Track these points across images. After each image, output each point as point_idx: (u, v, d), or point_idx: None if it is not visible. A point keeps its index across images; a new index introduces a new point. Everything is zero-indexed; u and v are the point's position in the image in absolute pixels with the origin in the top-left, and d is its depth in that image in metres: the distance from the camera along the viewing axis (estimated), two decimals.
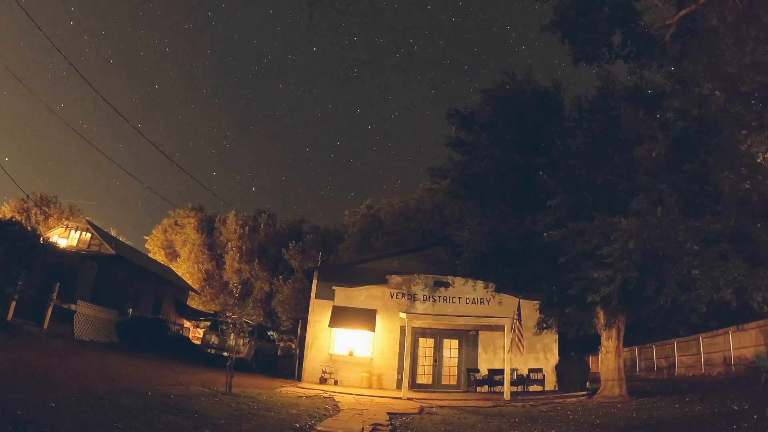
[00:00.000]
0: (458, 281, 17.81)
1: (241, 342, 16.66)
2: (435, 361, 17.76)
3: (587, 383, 16.19)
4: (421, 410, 10.65)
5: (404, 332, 15.46)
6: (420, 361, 17.56)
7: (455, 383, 17.52)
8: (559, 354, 17.93)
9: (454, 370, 17.73)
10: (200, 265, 39.02)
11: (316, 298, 17.90)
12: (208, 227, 40.76)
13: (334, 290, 17.78)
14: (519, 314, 14.70)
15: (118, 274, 23.12)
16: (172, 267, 37.32)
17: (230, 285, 38.31)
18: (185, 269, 38.44)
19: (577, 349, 19.94)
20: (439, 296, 17.90)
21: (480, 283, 16.90)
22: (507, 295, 16.73)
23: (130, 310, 21.38)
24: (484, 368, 17.18)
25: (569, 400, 12.85)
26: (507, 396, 13.87)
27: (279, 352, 24.97)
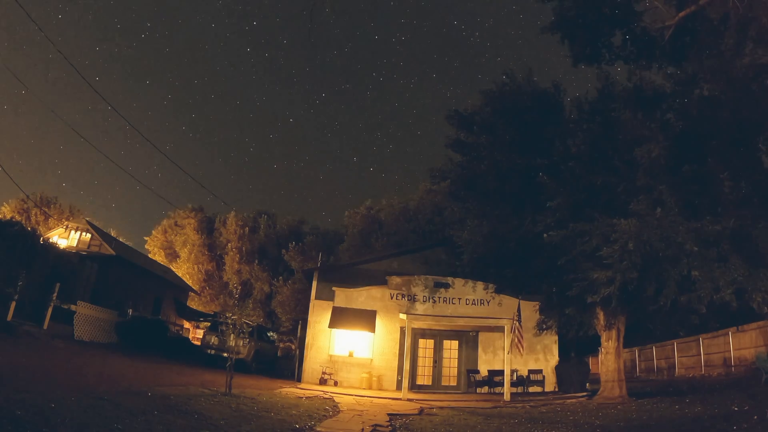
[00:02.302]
0: (458, 282, 17.81)
1: (241, 343, 16.65)
2: (435, 362, 17.76)
3: (587, 384, 16.18)
4: (421, 411, 10.64)
5: (404, 333, 15.45)
6: (420, 362, 17.55)
7: (455, 384, 17.52)
8: (559, 355, 17.92)
9: (454, 371, 17.72)
10: (200, 266, 39.00)
11: (316, 298, 17.90)
12: (208, 228, 40.75)
13: (334, 291, 17.78)
14: (519, 315, 14.69)
15: (118, 275, 23.14)
16: (172, 268, 37.31)
17: (230, 286, 38.32)
18: (185, 270, 38.42)
19: (577, 350, 19.94)
20: (439, 297, 17.90)
21: (480, 284, 16.90)
22: (507, 296, 16.72)
23: (130, 311, 21.37)
24: (484, 369, 17.18)
25: (569, 401, 12.85)
26: (507, 397, 13.87)
27: (279, 353, 24.93)
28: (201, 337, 21.42)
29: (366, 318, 17.36)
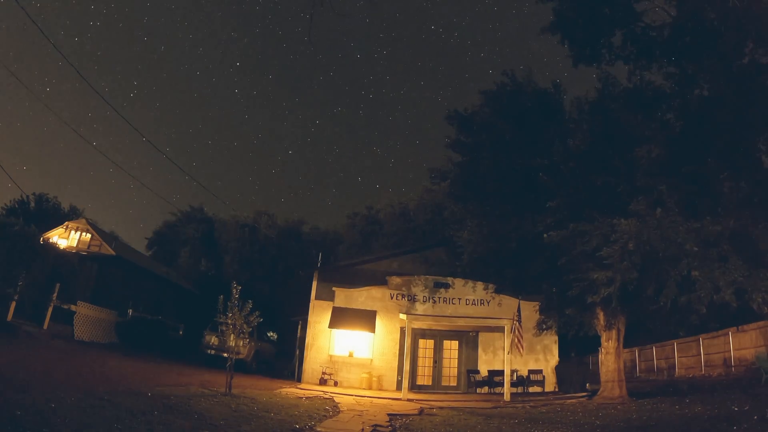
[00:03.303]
0: (458, 282, 17.80)
1: (241, 343, 16.63)
2: (435, 362, 17.75)
3: (587, 384, 16.17)
4: (421, 411, 10.64)
5: (404, 333, 15.44)
6: (420, 362, 17.54)
7: (455, 384, 17.51)
8: (559, 355, 17.92)
9: (454, 371, 17.72)
10: (200, 266, 38.99)
11: (316, 299, 17.90)
12: (208, 228, 40.76)
13: (334, 291, 17.77)
14: (519, 315, 14.68)
15: (118, 275, 23.13)
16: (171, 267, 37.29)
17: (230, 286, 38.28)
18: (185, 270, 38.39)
19: (577, 350, 19.96)
20: (439, 297, 17.89)
21: (480, 284, 16.89)
22: (507, 296, 16.72)
23: (130, 311, 21.37)
24: (484, 369, 17.17)
25: (569, 401, 12.84)
26: (507, 397, 13.86)
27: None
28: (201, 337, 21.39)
29: (366, 318, 17.35)
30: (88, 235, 25.29)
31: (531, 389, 16.61)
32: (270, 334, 23.31)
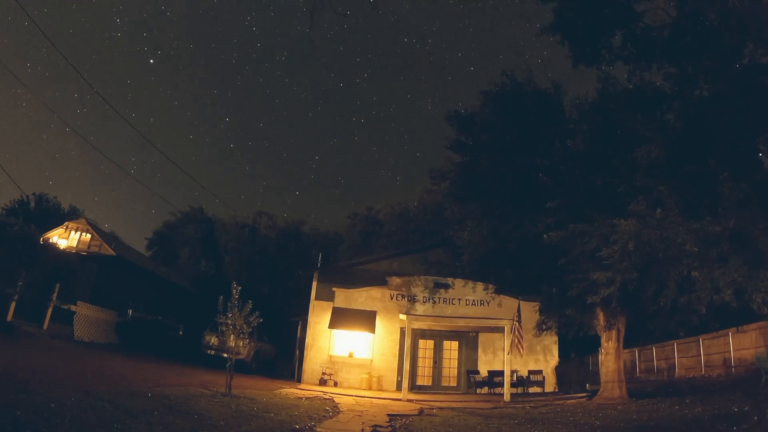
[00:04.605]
0: (458, 283, 17.80)
1: (241, 343, 16.61)
2: (435, 362, 17.75)
3: (587, 385, 16.17)
4: (421, 412, 10.64)
5: (404, 334, 15.44)
6: (420, 362, 17.55)
7: (455, 385, 17.51)
8: (559, 355, 17.92)
9: (454, 372, 17.72)
10: (200, 266, 39.01)
11: (315, 299, 17.90)
12: (208, 228, 40.78)
13: (334, 292, 17.77)
14: (519, 316, 14.69)
15: (118, 275, 23.12)
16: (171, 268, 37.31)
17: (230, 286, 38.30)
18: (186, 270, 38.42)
19: (577, 351, 19.95)
20: (439, 298, 17.90)
21: (480, 285, 16.89)
22: (507, 297, 16.72)
23: (130, 311, 21.35)
24: (484, 370, 17.17)
25: (569, 401, 12.84)
26: (507, 397, 13.86)
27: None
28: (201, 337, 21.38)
29: (366, 318, 17.36)
30: (88, 236, 25.30)
31: (531, 390, 16.61)
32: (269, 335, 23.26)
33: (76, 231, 25.47)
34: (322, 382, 16.33)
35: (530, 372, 16.99)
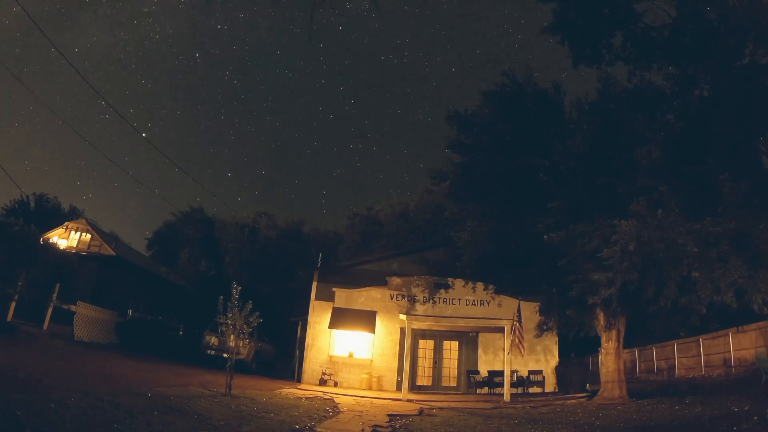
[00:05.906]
0: (458, 283, 17.80)
1: (241, 343, 16.60)
2: (435, 362, 17.75)
3: (587, 385, 16.17)
4: (421, 412, 10.63)
5: (404, 334, 15.44)
6: (420, 362, 17.54)
7: (455, 385, 17.51)
8: (559, 356, 17.91)
9: (454, 372, 17.71)
10: (200, 266, 38.97)
11: (315, 299, 17.90)
12: (207, 228, 40.76)
13: (334, 292, 17.77)
14: (519, 316, 14.69)
15: (118, 275, 23.13)
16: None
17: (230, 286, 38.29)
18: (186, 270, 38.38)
19: (577, 351, 19.93)
20: (439, 298, 17.89)
21: (480, 285, 16.89)
22: (507, 297, 16.71)
23: (130, 311, 21.35)
24: (484, 370, 17.17)
25: (569, 401, 12.83)
26: (507, 398, 13.85)
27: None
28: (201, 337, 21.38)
29: (366, 319, 17.35)
30: (88, 236, 25.30)
31: (531, 390, 16.61)
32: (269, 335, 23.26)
33: (76, 231, 25.46)
34: (322, 382, 16.33)
35: (530, 372, 16.99)
